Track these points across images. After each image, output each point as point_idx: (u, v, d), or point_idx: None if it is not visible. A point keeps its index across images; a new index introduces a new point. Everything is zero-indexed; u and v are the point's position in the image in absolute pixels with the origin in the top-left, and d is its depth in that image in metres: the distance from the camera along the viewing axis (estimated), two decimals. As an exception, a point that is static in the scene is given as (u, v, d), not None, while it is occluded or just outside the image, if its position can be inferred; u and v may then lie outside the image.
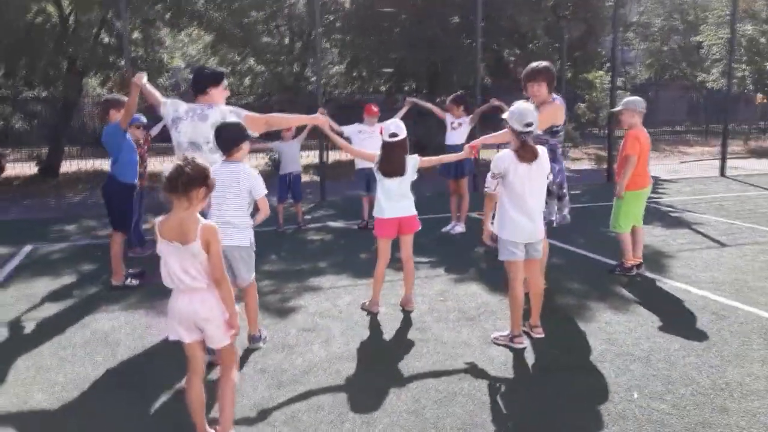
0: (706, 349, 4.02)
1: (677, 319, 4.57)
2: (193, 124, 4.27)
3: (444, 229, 7.60)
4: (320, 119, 4.61)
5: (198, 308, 2.79)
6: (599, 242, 7.02)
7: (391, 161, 4.53)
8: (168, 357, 4.01)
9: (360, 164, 7.77)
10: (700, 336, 4.23)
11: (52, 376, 3.74)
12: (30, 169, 15.37)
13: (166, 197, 2.76)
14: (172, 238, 2.75)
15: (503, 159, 3.95)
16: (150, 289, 5.42)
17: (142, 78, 4.63)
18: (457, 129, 7.67)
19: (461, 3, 15.81)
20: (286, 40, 16.98)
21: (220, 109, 4.31)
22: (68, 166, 15.62)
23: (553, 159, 4.64)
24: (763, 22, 21.37)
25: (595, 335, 4.30)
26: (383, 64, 17.49)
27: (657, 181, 12.68)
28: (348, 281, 5.67)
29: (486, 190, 4.07)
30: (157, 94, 4.60)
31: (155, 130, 7.19)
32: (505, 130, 5.20)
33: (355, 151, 5.36)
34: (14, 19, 12.28)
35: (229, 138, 3.80)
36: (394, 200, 4.57)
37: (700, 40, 25.07)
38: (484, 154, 11.16)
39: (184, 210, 2.75)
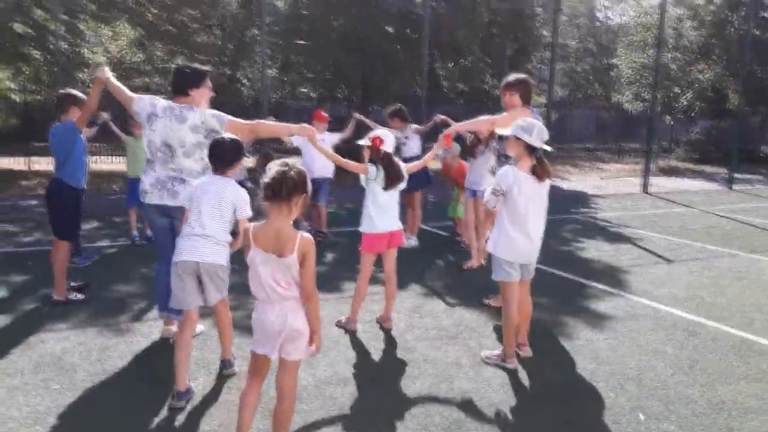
0: (690, 366, 4.07)
1: (652, 336, 4.63)
2: (170, 125, 3.92)
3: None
4: (308, 129, 4.32)
5: (290, 319, 2.66)
6: (553, 256, 7.09)
7: (395, 172, 4.36)
8: (136, 382, 3.62)
9: (311, 174, 7.48)
10: (680, 353, 4.29)
11: (4, 410, 3.26)
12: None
13: (265, 205, 2.63)
14: (267, 248, 2.61)
15: (507, 175, 3.84)
16: (98, 305, 4.94)
17: (105, 72, 4.18)
18: (407, 143, 7.54)
19: (397, 13, 15.86)
20: (219, 42, 16.36)
21: (201, 112, 3.97)
22: (-29, 165, 14.29)
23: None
24: (673, 50, 22.76)
25: (581, 353, 4.27)
26: (317, 69, 17.24)
27: (585, 197, 13.16)
28: (320, 294, 5.38)
29: (486, 206, 3.96)
30: (125, 89, 4.17)
31: (90, 132, 6.58)
32: (480, 118, 5.18)
33: (346, 164, 4.58)
34: None
35: (224, 156, 3.47)
36: (386, 213, 4.40)
37: (616, 62, 26.42)
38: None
39: (283, 219, 2.62)
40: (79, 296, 5.02)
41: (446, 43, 15.42)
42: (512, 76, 5.02)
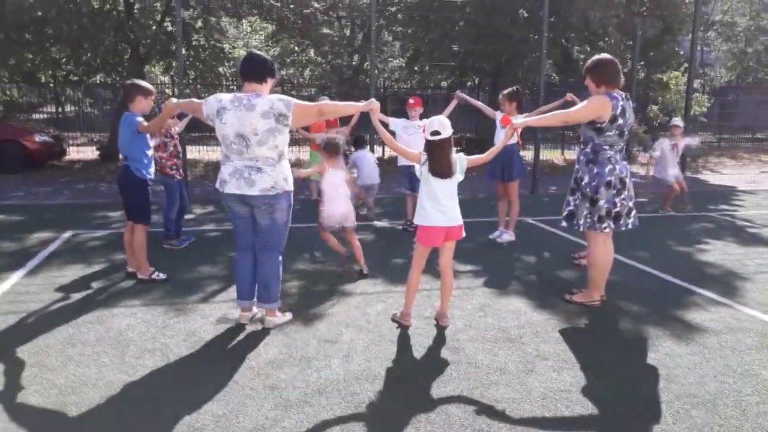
0: (785, 396, 3.43)
1: (749, 355, 3.97)
2: (239, 114, 3.97)
3: (491, 236, 7.10)
4: (374, 104, 4.22)
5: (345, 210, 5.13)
6: (664, 257, 6.39)
7: (438, 161, 4.12)
8: (173, 363, 3.74)
9: (402, 161, 7.41)
10: (779, 379, 3.63)
11: (53, 377, 3.52)
12: (93, 153, 15.73)
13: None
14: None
15: None
16: (175, 285, 5.21)
17: (171, 101, 4.63)
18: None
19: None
20: (347, 32, 16.70)
21: (268, 98, 4.02)
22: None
23: (593, 161, 4.57)
24: None
25: (653, 369, 3.76)
26: (445, 58, 17.02)
27: (733, 192, 11.75)
28: (382, 287, 5.29)
29: None
30: (193, 100, 4.46)
31: (179, 128, 6.83)
32: (554, 113, 4.82)
33: (399, 149, 4.71)
34: (81, 4, 12.50)
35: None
36: (442, 205, 4.16)
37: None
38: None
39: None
40: (162, 276, 5.33)
41: (579, 25, 14.47)
42: (591, 60, 4.65)
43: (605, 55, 4.70)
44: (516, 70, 16.15)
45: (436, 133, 4.10)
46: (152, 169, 5.25)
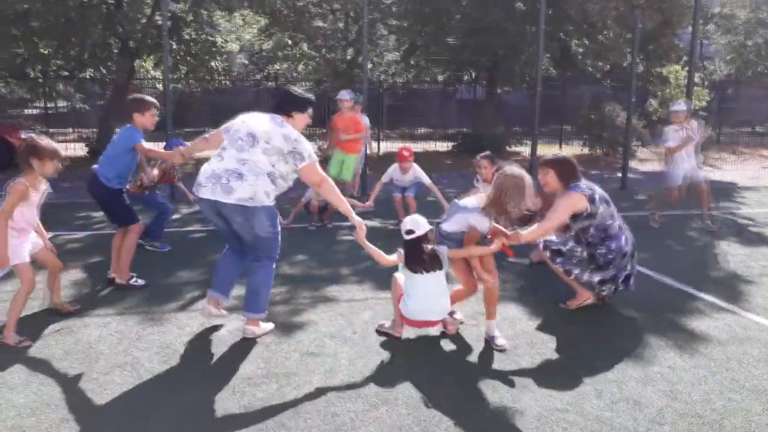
0: (796, 415, 3.20)
1: (758, 368, 3.74)
2: (262, 119, 3.89)
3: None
4: (360, 232, 3.96)
5: None
6: (665, 260, 6.16)
7: (416, 258, 3.93)
8: (144, 379, 3.50)
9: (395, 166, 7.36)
10: (789, 395, 3.40)
11: (14, 396, 3.27)
12: (82, 149, 15.43)
13: None
14: None
15: None
16: (153, 291, 4.97)
17: (178, 155, 4.46)
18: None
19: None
20: (341, 25, 16.40)
21: (298, 134, 3.90)
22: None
23: (607, 237, 4.49)
24: None
25: (655, 384, 3.53)
26: (441, 51, 16.74)
27: (734, 189, 11.52)
28: (370, 293, 5.06)
29: None
30: (204, 137, 4.23)
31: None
32: (537, 230, 4.36)
33: (386, 261, 4.14)
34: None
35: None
36: (426, 299, 3.93)
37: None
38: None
39: None
40: (140, 281, 5.09)
41: (578, 18, 14.20)
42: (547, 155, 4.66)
43: (564, 155, 4.63)
44: (513, 64, 15.88)
45: (409, 231, 3.96)
46: (125, 181, 5.02)
